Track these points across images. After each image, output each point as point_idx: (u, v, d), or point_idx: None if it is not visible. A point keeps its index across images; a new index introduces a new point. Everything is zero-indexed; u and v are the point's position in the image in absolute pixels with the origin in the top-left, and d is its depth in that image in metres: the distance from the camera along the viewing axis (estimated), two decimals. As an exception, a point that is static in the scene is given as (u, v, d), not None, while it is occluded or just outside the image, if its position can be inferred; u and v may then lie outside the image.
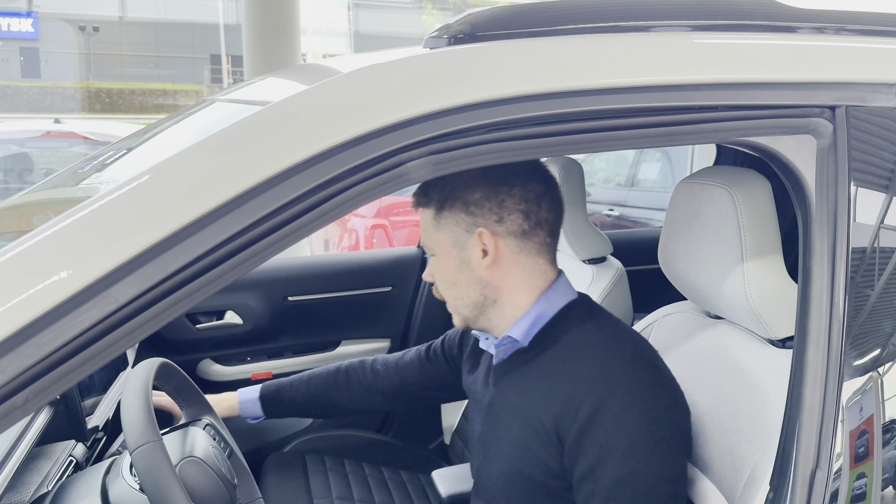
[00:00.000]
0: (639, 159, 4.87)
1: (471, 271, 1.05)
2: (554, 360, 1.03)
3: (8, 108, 19.65)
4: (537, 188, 1.04)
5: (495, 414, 1.09)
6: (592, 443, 0.94)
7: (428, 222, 1.08)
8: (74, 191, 1.15)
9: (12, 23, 22.17)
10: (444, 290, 1.10)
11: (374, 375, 1.41)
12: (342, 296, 2.04)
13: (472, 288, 1.06)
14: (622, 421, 0.93)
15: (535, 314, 1.06)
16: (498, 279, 1.05)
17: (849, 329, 0.84)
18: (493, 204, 1.02)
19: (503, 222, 1.03)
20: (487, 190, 1.02)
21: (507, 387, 1.08)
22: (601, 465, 0.93)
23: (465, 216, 1.03)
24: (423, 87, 0.72)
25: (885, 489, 0.88)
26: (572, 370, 0.99)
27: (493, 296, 1.06)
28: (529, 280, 1.06)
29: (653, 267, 1.28)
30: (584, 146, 0.78)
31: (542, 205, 1.05)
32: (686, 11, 0.85)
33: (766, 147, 0.83)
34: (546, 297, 1.06)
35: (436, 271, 1.10)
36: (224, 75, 21.81)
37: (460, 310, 1.09)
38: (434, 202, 1.06)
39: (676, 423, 0.98)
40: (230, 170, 0.66)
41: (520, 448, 1.02)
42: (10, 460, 0.95)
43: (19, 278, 0.61)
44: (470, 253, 1.04)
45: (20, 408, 0.61)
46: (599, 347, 1.00)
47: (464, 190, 1.03)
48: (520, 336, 1.06)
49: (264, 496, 1.32)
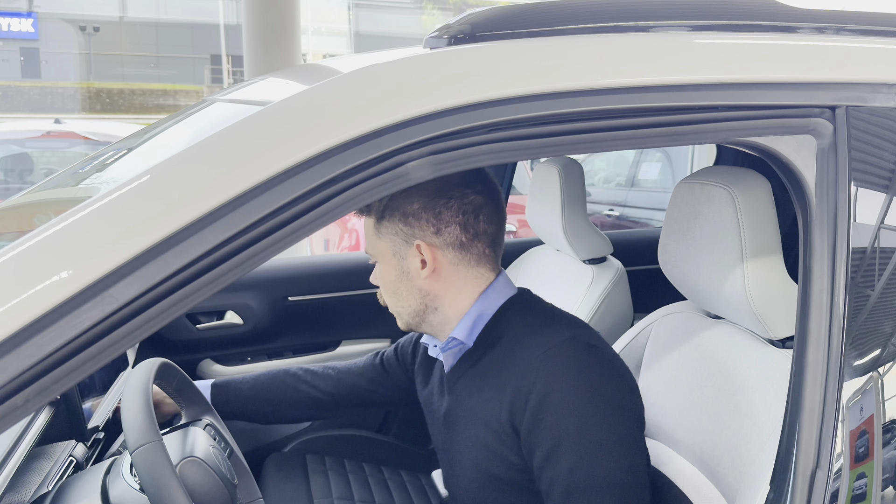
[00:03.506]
0: (639, 159, 4.88)
1: (410, 281, 1.07)
2: (500, 356, 1.04)
3: (8, 108, 19.65)
4: (476, 200, 1.04)
5: (453, 421, 1.11)
6: (544, 430, 0.95)
7: (370, 230, 1.09)
8: (74, 191, 1.15)
9: (12, 23, 22.17)
10: (387, 297, 1.11)
11: (323, 379, 1.41)
12: (342, 296, 2.04)
13: (413, 296, 1.08)
14: (568, 404, 0.94)
15: (475, 314, 1.08)
16: (438, 289, 1.07)
17: (849, 329, 0.84)
18: (430, 216, 1.03)
19: (441, 234, 1.04)
20: (425, 201, 1.03)
21: (461, 392, 1.09)
22: (556, 450, 0.94)
23: (403, 227, 1.04)
24: (423, 87, 0.72)
25: (885, 489, 0.88)
26: (517, 363, 1.00)
27: (434, 304, 1.08)
28: (469, 287, 1.08)
29: (653, 267, 1.28)
30: (584, 146, 0.78)
31: (481, 217, 1.05)
32: (686, 11, 0.85)
33: (767, 147, 0.83)
34: (485, 297, 1.08)
35: (379, 278, 1.11)
36: (224, 75, 21.82)
37: (402, 316, 1.11)
38: (374, 211, 1.07)
39: (621, 397, 0.99)
40: (230, 170, 0.66)
41: (481, 449, 1.04)
42: (11, 460, 0.95)
43: (20, 278, 0.61)
44: (409, 263, 1.06)
45: (20, 408, 0.61)
46: (539, 336, 1.01)
47: (402, 201, 1.04)
48: (463, 336, 1.07)
49: (264, 496, 1.32)
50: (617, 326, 1.70)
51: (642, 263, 1.93)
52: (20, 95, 20.32)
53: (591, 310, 1.68)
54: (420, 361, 1.27)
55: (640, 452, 0.99)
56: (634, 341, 1.31)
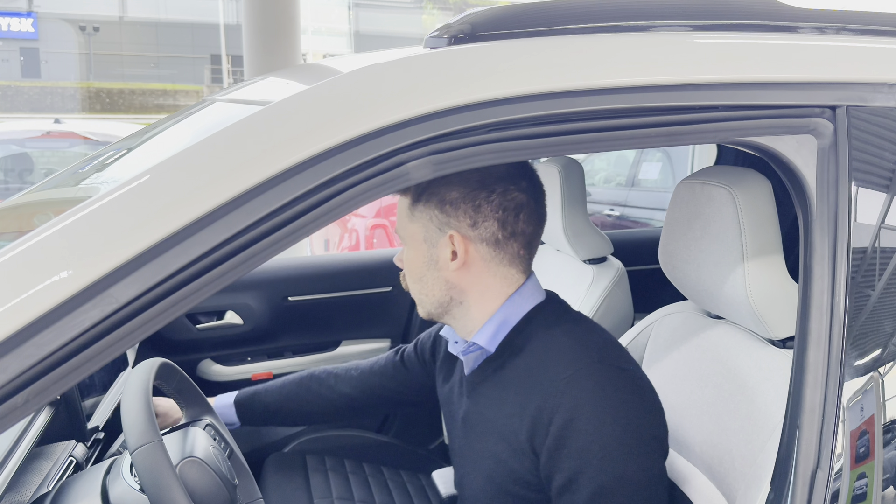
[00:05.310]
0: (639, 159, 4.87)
1: (438, 270, 1.03)
2: (523, 368, 1.00)
3: (8, 108, 19.65)
4: (518, 197, 1.00)
5: (471, 427, 1.07)
6: (567, 456, 0.91)
7: (403, 211, 1.05)
8: (74, 191, 1.15)
9: (12, 23, 22.17)
10: (411, 282, 1.07)
11: (346, 381, 1.39)
12: (342, 296, 2.04)
13: (438, 287, 1.04)
14: (594, 431, 0.90)
15: (499, 319, 1.04)
16: (465, 283, 1.03)
17: (849, 329, 0.84)
18: (468, 207, 0.99)
19: (477, 227, 1.00)
20: (465, 191, 0.99)
21: (481, 399, 1.06)
22: (578, 477, 0.91)
23: (439, 214, 1.00)
24: (424, 86, 0.72)
25: (885, 489, 0.88)
26: (540, 380, 0.96)
27: (459, 298, 1.05)
28: (498, 287, 1.04)
29: (653, 267, 1.28)
30: (584, 146, 0.78)
31: (521, 216, 1.01)
32: (686, 11, 0.85)
33: (767, 147, 0.83)
34: (511, 301, 1.04)
35: (405, 262, 1.07)
36: (224, 75, 21.81)
37: (424, 304, 1.07)
38: (412, 191, 1.03)
39: (649, 426, 0.95)
40: (230, 170, 0.66)
41: (497, 463, 1.00)
42: (11, 460, 0.95)
43: (19, 278, 0.61)
44: (439, 252, 1.02)
45: (20, 408, 0.61)
46: (566, 355, 0.97)
47: (441, 187, 0.99)
48: (485, 342, 1.04)
49: (264, 496, 1.32)
50: (617, 326, 1.70)
51: (643, 263, 1.93)
52: (20, 95, 20.32)
53: (592, 310, 1.68)
54: (442, 358, 1.23)
55: (661, 484, 0.95)
56: (635, 341, 1.31)
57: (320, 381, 1.39)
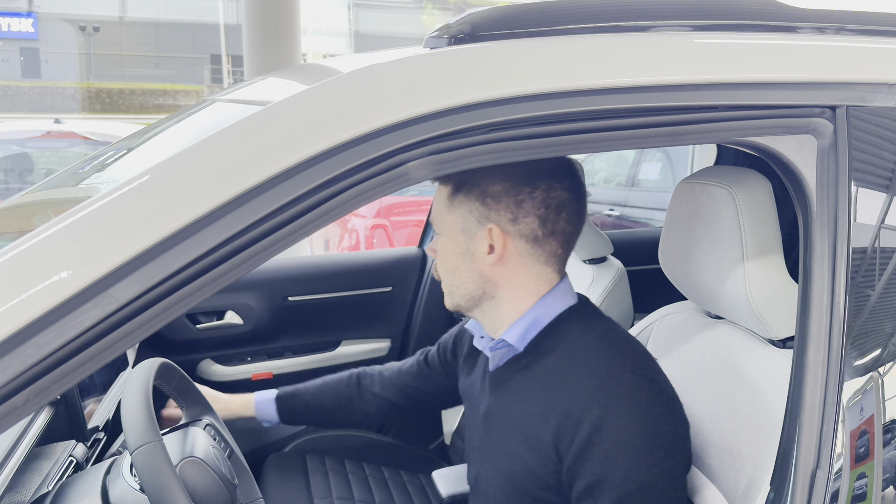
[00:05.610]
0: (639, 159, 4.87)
1: (473, 263, 1.01)
2: (551, 370, 0.99)
3: (8, 108, 19.66)
4: (561, 196, 0.99)
5: (492, 424, 1.06)
6: (592, 462, 0.91)
7: (442, 201, 1.03)
8: (74, 191, 1.15)
9: (12, 23, 22.18)
10: (443, 272, 1.06)
11: (381, 383, 1.40)
12: (342, 296, 2.05)
13: (471, 279, 1.03)
14: (622, 441, 0.90)
15: (531, 318, 1.02)
16: (499, 278, 1.02)
17: (849, 329, 0.84)
18: (511, 201, 0.98)
19: (517, 223, 0.99)
20: (509, 185, 0.97)
21: (504, 396, 1.05)
22: (601, 484, 0.90)
23: (479, 206, 0.99)
24: (424, 87, 0.72)
25: (885, 489, 0.88)
26: (570, 384, 0.95)
27: (492, 292, 1.03)
28: (532, 285, 1.03)
29: (653, 267, 1.28)
30: (584, 146, 0.78)
31: (563, 214, 1.00)
32: (686, 11, 0.85)
33: (767, 147, 0.83)
34: (544, 301, 1.03)
35: (439, 251, 1.06)
36: (224, 75, 21.82)
37: (454, 295, 1.06)
38: (452, 181, 1.01)
39: (676, 440, 0.95)
40: (230, 170, 0.66)
41: (517, 463, 1.00)
42: (11, 460, 0.95)
43: (19, 278, 0.61)
44: (476, 244, 1.00)
45: (20, 408, 0.61)
46: (598, 360, 0.96)
47: (484, 179, 0.98)
48: (514, 341, 1.03)
49: (264, 496, 1.32)
50: (617, 326, 1.70)
51: (642, 263, 1.93)
52: (20, 95, 20.32)
53: (592, 310, 1.68)
54: (465, 353, 1.22)
55: (682, 498, 0.95)
56: (634, 341, 1.31)
57: (359, 383, 1.41)
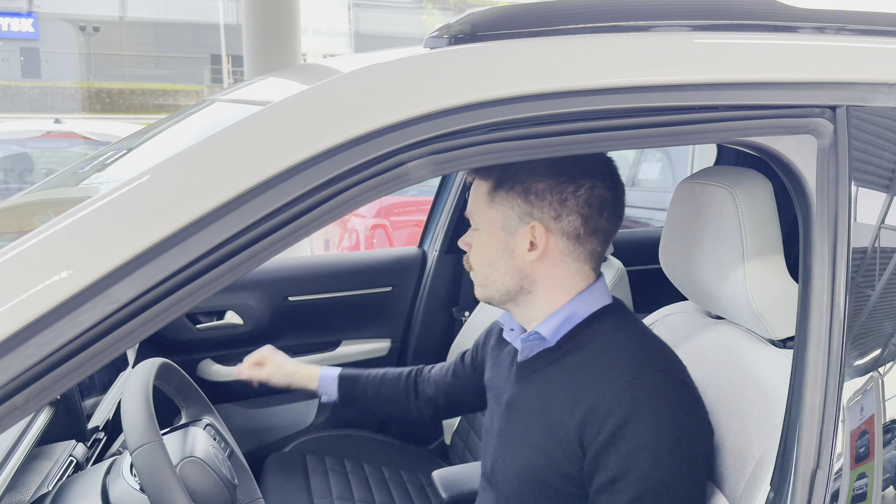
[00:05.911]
0: (639, 159, 4.87)
1: (512, 259, 1.02)
2: (581, 364, 0.99)
3: (8, 108, 19.66)
4: (604, 195, 1.00)
5: (515, 412, 1.06)
6: (616, 457, 0.91)
7: (481, 196, 1.03)
8: (74, 191, 1.15)
9: (12, 23, 22.18)
10: (479, 267, 1.05)
11: (434, 384, 1.40)
12: (342, 296, 2.05)
13: (510, 275, 1.03)
14: (648, 439, 0.90)
15: (566, 313, 1.03)
16: (538, 274, 1.02)
17: (849, 329, 0.84)
18: (555, 199, 0.98)
19: (560, 220, 0.99)
20: (553, 183, 0.98)
21: (530, 387, 1.05)
22: (622, 479, 0.91)
23: (522, 203, 0.99)
24: (423, 86, 0.72)
25: (885, 489, 0.88)
26: (600, 378, 0.95)
27: (529, 288, 1.03)
28: (570, 282, 1.03)
29: (653, 267, 1.28)
30: (584, 146, 0.78)
31: (605, 213, 1.01)
32: (686, 11, 0.85)
33: (767, 147, 0.83)
34: (580, 298, 1.03)
35: (475, 245, 1.05)
36: (224, 75, 21.82)
37: (488, 289, 1.05)
38: (494, 177, 1.01)
39: (701, 444, 0.95)
40: (230, 170, 0.66)
41: (539, 452, 1.00)
42: (11, 460, 0.95)
43: (20, 278, 0.61)
44: (517, 241, 1.00)
45: (20, 408, 0.61)
46: (631, 358, 0.96)
47: (528, 175, 0.98)
48: (548, 334, 1.03)
49: (264, 496, 1.32)
50: (617, 326, 1.70)
51: (643, 263, 1.93)
52: (20, 95, 20.33)
53: (592, 310, 1.68)
54: (493, 345, 1.23)
55: (701, 497, 0.96)
56: (635, 341, 1.31)
57: (416, 382, 1.42)
